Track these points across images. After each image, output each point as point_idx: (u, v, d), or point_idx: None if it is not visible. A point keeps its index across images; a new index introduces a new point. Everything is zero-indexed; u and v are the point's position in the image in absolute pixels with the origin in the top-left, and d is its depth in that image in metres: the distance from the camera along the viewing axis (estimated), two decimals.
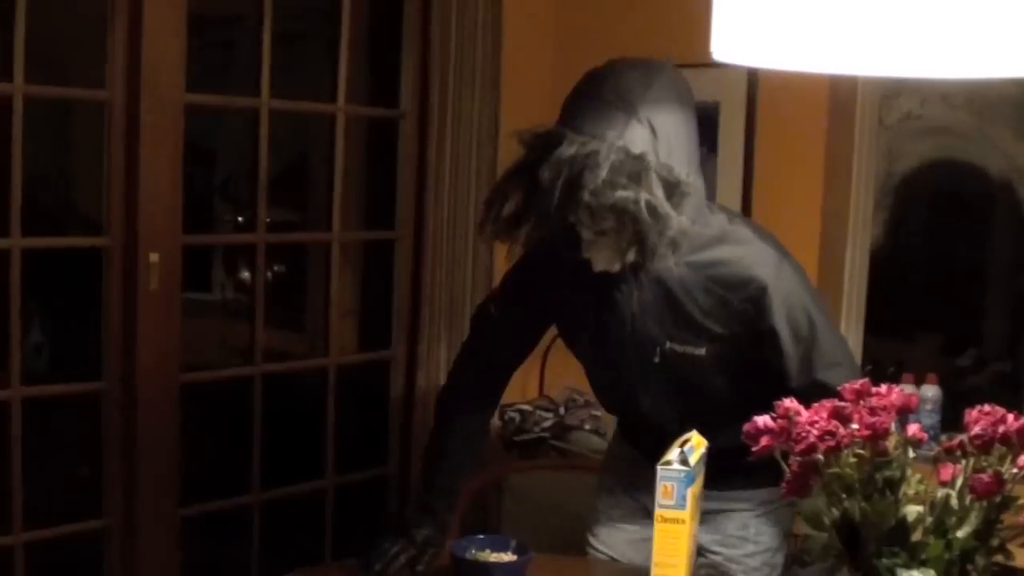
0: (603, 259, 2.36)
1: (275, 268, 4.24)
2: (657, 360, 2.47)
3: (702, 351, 2.44)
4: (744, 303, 2.40)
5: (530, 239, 2.32)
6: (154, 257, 3.31)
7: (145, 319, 3.31)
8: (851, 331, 3.76)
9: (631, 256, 2.30)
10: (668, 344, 2.46)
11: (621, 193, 2.21)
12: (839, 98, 3.67)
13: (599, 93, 2.36)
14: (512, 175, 2.37)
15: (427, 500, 2.67)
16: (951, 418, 3.45)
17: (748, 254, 2.45)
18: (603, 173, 2.20)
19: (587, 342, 2.59)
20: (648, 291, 2.43)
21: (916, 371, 3.69)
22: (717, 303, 2.41)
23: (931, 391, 3.64)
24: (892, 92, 4.03)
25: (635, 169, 2.23)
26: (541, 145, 2.30)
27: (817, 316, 2.42)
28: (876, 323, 3.84)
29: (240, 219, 4.13)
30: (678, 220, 2.24)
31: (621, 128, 2.28)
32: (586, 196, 2.20)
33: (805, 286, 2.49)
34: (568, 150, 2.24)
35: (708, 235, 2.42)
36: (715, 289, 2.41)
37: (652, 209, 2.22)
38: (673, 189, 2.27)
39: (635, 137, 2.28)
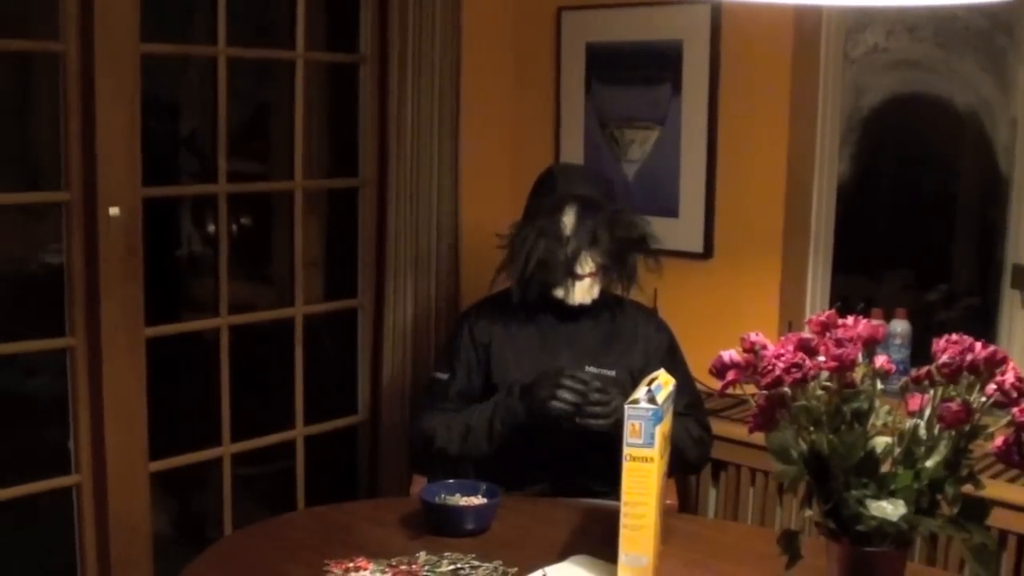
0: (583, 292, 3.16)
1: (241, 221, 4.20)
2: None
3: (612, 372, 3.15)
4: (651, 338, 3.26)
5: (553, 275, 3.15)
6: (114, 211, 3.27)
7: (108, 273, 3.27)
8: (819, 268, 3.75)
9: (597, 292, 3.18)
10: (587, 366, 3.12)
11: (648, 227, 3.25)
12: (804, 32, 3.65)
13: (581, 172, 3.48)
14: (535, 231, 3.17)
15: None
16: (922, 354, 3.45)
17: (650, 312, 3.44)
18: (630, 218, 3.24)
19: (522, 372, 3.16)
20: (584, 327, 3.23)
21: (885, 307, 3.69)
22: (630, 336, 3.25)
23: (900, 326, 3.64)
24: (858, 25, 4.00)
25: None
26: (551, 207, 3.18)
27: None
28: (844, 259, 3.83)
29: (206, 171, 4.08)
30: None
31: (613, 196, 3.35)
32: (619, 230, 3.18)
33: None
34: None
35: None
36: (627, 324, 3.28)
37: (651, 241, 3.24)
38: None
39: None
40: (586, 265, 3.15)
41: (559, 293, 3.18)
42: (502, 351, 3.25)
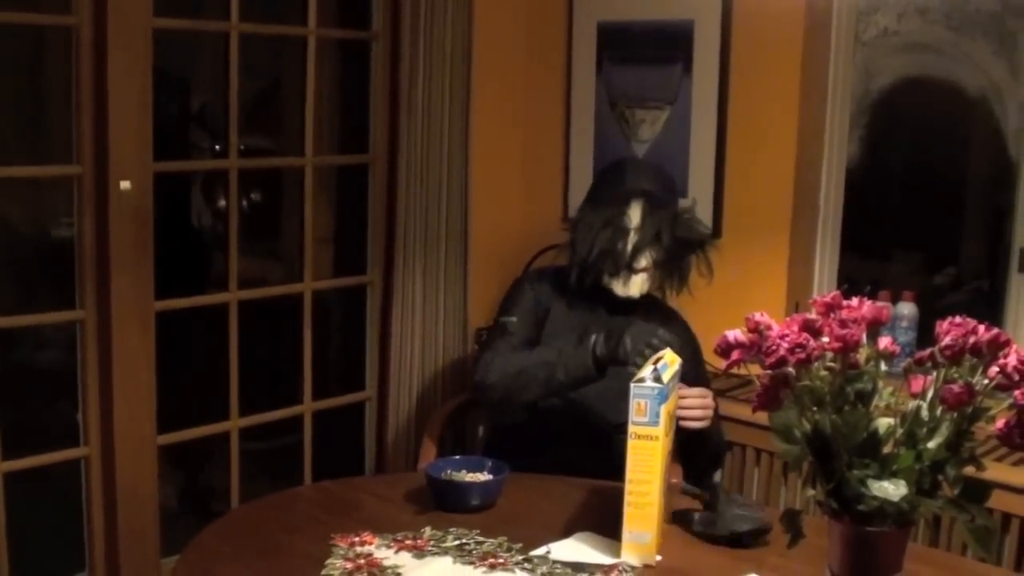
0: (636, 286, 3.21)
1: (251, 196, 4.21)
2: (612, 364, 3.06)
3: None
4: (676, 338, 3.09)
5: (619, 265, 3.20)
6: (125, 184, 3.29)
7: (118, 247, 3.29)
8: (827, 250, 3.76)
9: (647, 288, 3.24)
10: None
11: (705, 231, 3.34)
12: (815, 14, 3.64)
13: (650, 168, 3.39)
14: (602, 220, 3.20)
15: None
16: (929, 336, 3.45)
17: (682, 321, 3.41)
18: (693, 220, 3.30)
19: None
20: (615, 316, 3.23)
21: (893, 289, 3.69)
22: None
23: (907, 308, 3.65)
24: (869, 7, 3.99)
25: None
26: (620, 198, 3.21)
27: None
28: (852, 241, 3.83)
29: (217, 147, 4.10)
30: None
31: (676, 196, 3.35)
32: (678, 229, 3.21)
33: None
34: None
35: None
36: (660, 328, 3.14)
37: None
38: None
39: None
40: (644, 260, 3.21)
41: (612, 283, 3.23)
42: (553, 324, 3.30)
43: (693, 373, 3.13)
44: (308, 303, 3.87)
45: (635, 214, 3.21)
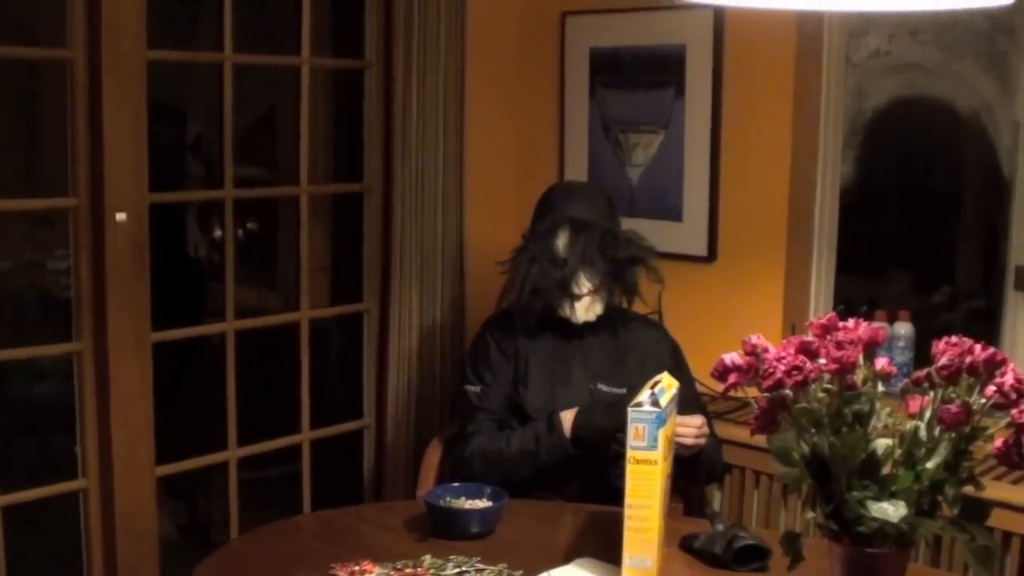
0: (585, 310, 3.21)
1: (247, 226, 4.21)
2: (589, 397, 3.21)
3: (623, 390, 3.17)
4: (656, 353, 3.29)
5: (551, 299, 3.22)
6: (121, 216, 3.28)
7: (114, 278, 3.29)
8: (822, 271, 3.77)
9: (600, 309, 3.22)
10: (598, 384, 3.24)
11: (642, 243, 3.29)
12: (806, 37, 3.66)
13: (578, 191, 3.46)
14: (528, 258, 3.24)
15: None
16: (925, 356, 3.45)
17: (654, 324, 3.45)
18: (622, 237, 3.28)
19: (539, 386, 3.27)
20: (592, 344, 3.29)
21: (889, 309, 3.70)
22: (636, 352, 3.29)
23: (904, 328, 3.66)
24: (860, 29, 4.01)
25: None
26: (545, 231, 3.25)
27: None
28: (847, 262, 3.84)
29: (212, 177, 4.10)
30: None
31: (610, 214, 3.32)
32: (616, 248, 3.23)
33: None
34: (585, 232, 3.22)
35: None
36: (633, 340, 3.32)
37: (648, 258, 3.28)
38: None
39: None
40: (583, 285, 3.21)
41: (563, 312, 3.24)
42: (526, 362, 3.31)
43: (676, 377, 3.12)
44: (305, 332, 3.87)
45: (561, 242, 3.23)
